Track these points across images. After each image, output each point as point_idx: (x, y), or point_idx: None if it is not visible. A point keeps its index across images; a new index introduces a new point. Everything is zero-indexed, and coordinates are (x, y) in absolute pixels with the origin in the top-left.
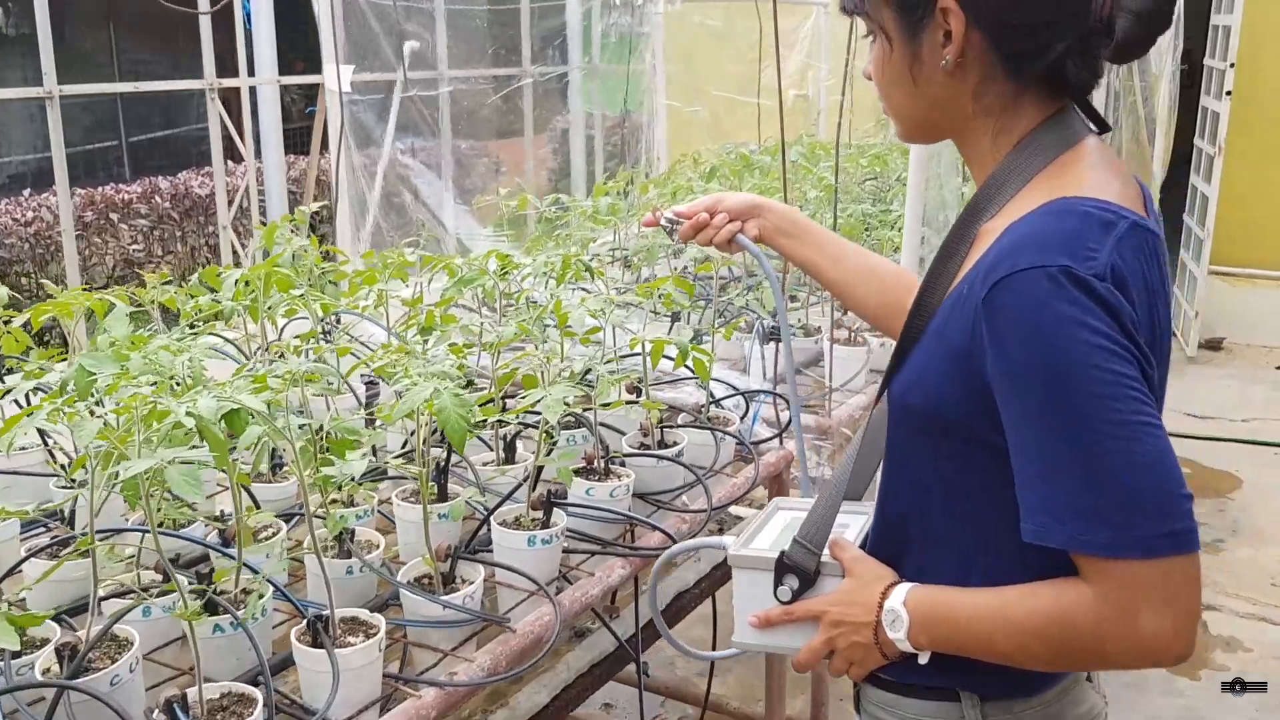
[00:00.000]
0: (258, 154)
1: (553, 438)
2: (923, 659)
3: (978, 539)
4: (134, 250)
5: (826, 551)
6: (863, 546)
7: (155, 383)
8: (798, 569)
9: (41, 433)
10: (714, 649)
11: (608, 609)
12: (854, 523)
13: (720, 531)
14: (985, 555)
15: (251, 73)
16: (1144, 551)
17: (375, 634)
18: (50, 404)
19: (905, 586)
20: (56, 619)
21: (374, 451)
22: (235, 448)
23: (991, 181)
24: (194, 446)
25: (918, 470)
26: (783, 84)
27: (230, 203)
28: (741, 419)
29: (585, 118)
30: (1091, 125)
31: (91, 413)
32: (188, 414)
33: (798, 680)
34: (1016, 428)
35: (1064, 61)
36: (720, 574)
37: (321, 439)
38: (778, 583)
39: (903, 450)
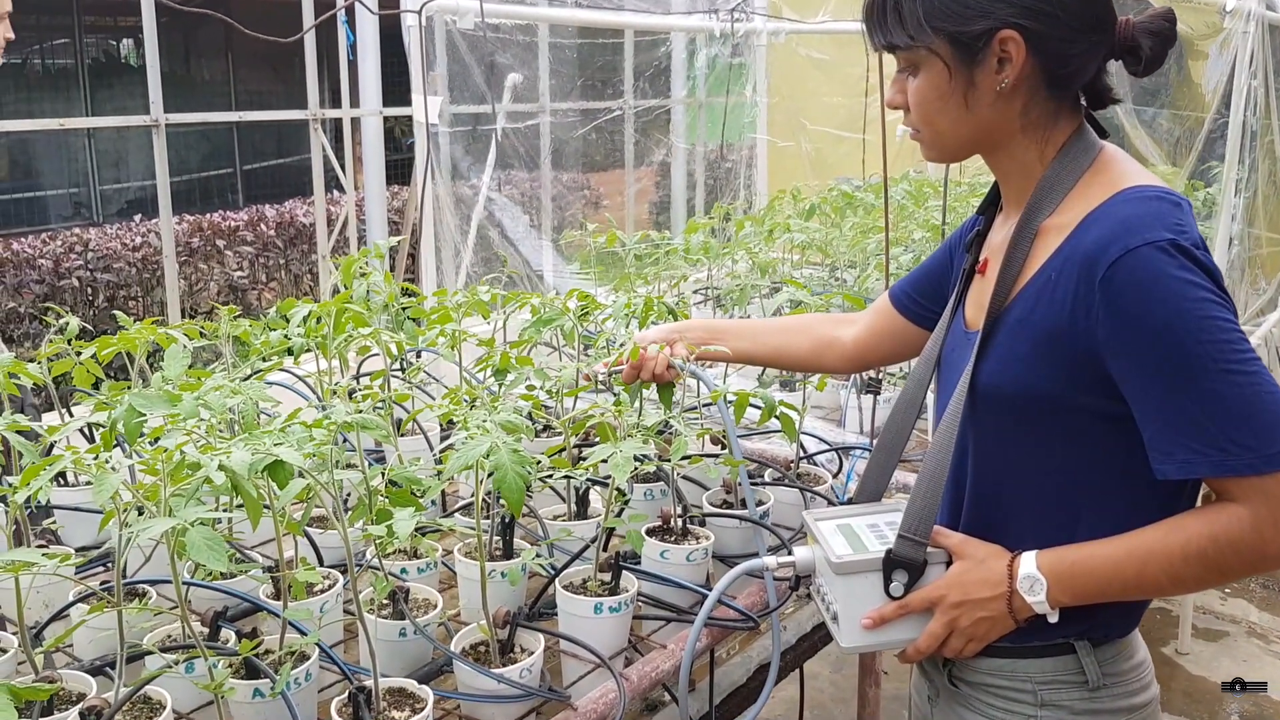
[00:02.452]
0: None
1: (625, 496)
2: (1052, 617)
3: (1078, 500)
4: (238, 276)
5: None
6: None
7: (206, 425)
8: (907, 563)
9: None
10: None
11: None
12: (882, 522)
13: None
14: (1088, 512)
15: (355, 104)
16: None
17: (422, 709)
18: (72, 453)
19: (1030, 554)
20: (98, 673)
21: (443, 498)
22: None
23: (1043, 185)
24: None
25: (1011, 448)
26: (887, 119)
27: (331, 232)
28: (835, 475)
29: (687, 150)
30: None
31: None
32: (219, 468)
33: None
34: (1142, 382)
35: (1097, 80)
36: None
37: (383, 487)
38: (888, 580)
39: (992, 433)
